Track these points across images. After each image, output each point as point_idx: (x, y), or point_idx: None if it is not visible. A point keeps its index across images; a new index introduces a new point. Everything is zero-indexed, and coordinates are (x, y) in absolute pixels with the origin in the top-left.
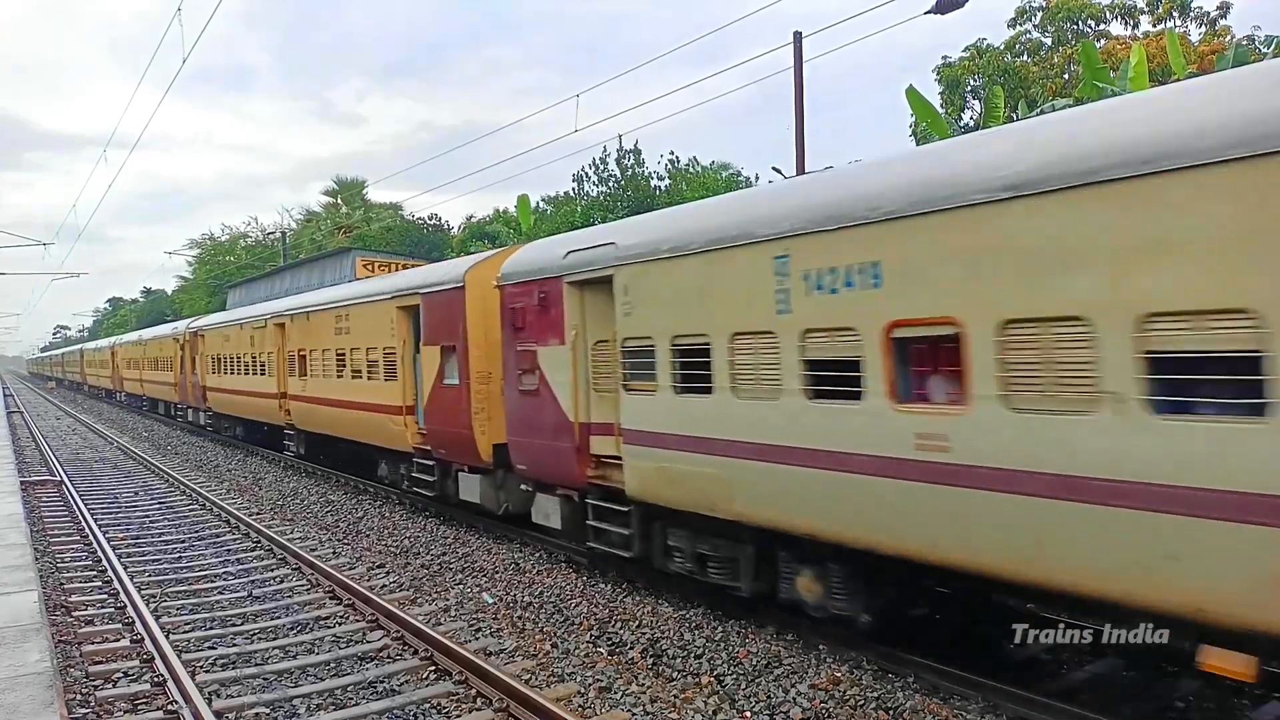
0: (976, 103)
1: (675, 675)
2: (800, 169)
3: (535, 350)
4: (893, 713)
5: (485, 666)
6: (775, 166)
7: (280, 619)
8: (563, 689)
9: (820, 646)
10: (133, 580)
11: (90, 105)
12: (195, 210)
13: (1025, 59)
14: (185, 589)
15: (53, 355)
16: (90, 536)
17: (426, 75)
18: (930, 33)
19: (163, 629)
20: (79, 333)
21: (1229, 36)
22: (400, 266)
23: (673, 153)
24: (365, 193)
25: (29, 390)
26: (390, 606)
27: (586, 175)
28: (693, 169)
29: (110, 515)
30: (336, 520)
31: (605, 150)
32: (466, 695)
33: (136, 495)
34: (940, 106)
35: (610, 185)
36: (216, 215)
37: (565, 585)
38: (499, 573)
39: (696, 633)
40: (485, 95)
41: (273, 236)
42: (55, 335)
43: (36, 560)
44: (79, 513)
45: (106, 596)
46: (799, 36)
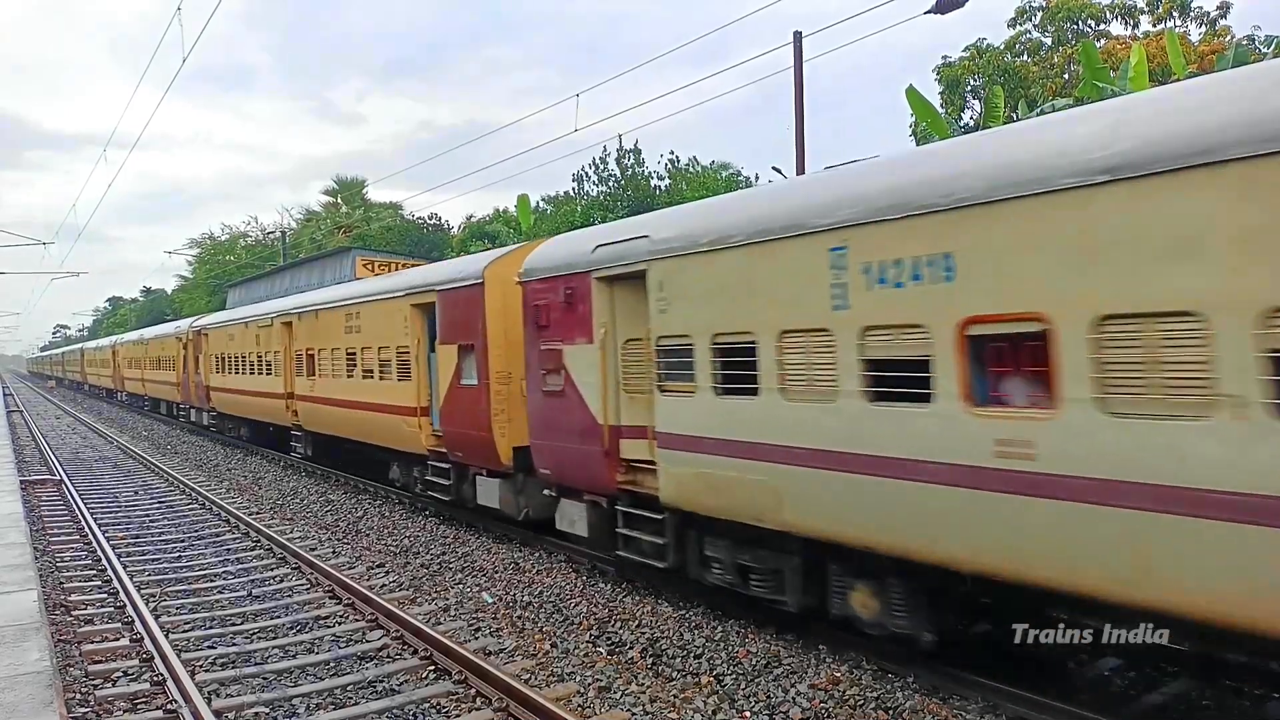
0: (976, 103)
1: (675, 675)
2: (800, 169)
3: (560, 349)
4: (892, 713)
5: (485, 666)
6: (775, 166)
7: (280, 618)
8: (562, 689)
9: (820, 646)
10: (132, 579)
11: (90, 105)
12: (195, 210)
13: (1025, 59)
14: (185, 588)
15: (53, 354)
16: (90, 536)
17: (427, 75)
18: (930, 33)
19: (162, 628)
20: (79, 332)
21: (1229, 36)
22: (400, 266)
23: (673, 152)
24: (365, 192)
25: (29, 389)
26: (390, 606)
27: (586, 175)
28: (693, 169)
29: (110, 514)
30: (336, 520)
31: (605, 150)
32: (466, 695)
33: (136, 494)
34: (940, 106)
35: (610, 185)
36: (216, 215)
37: (565, 585)
38: (499, 572)
39: (696, 632)
40: (485, 95)
41: (273, 236)
42: (55, 334)
43: (36, 559)
44: (78, 512)
45: (106, 596)
46: (799, 36)
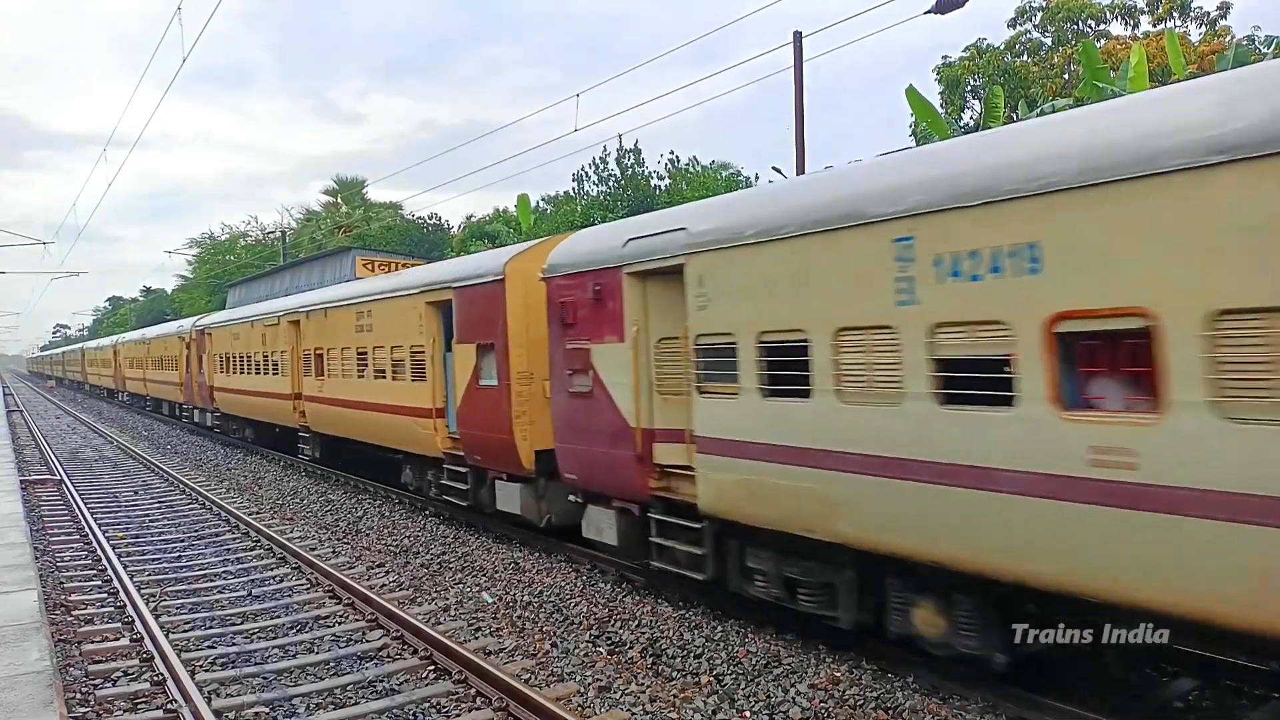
0: (976, 103)
1: (675, 675)
2: (800, 169)
3: (588, 348)
4: (892, 712)
5: (485, 666)
6: (775, 166)
7: (280, 618)
8: (562, 688)
9: (820, 646)
10: (132, 579)
11: (90, 104)
12: (195, 209)
13: (1025, 59)
14: (185, 588)
15: (53, 354)
16: (90, 535)
17: (427, 74)
18: (930, 33)
19: (162, 628)
20: (79, 332)
21: (1229, 36)
22: (400, 266)
23: (673, 152)
24: (365, 192)
25: (29, 389)
26: (390, 606)
27: (586, 175)
28: (693, 169)
29: (110, 514)
30: (336, 519)
31: (605, 150)
32: (466, 694)
33: (136, 494)
34: (940, 106)
35: (610, 185)
36: (216, 214)
37: (565, 585)
38: (498, 572)
39: (696, 632)
40: (486, 94)
41: (272, 236)
42: (55, 334)
43: (36, 559)
44: (78, 512)
45: (106, 595)
46: (799, 36)
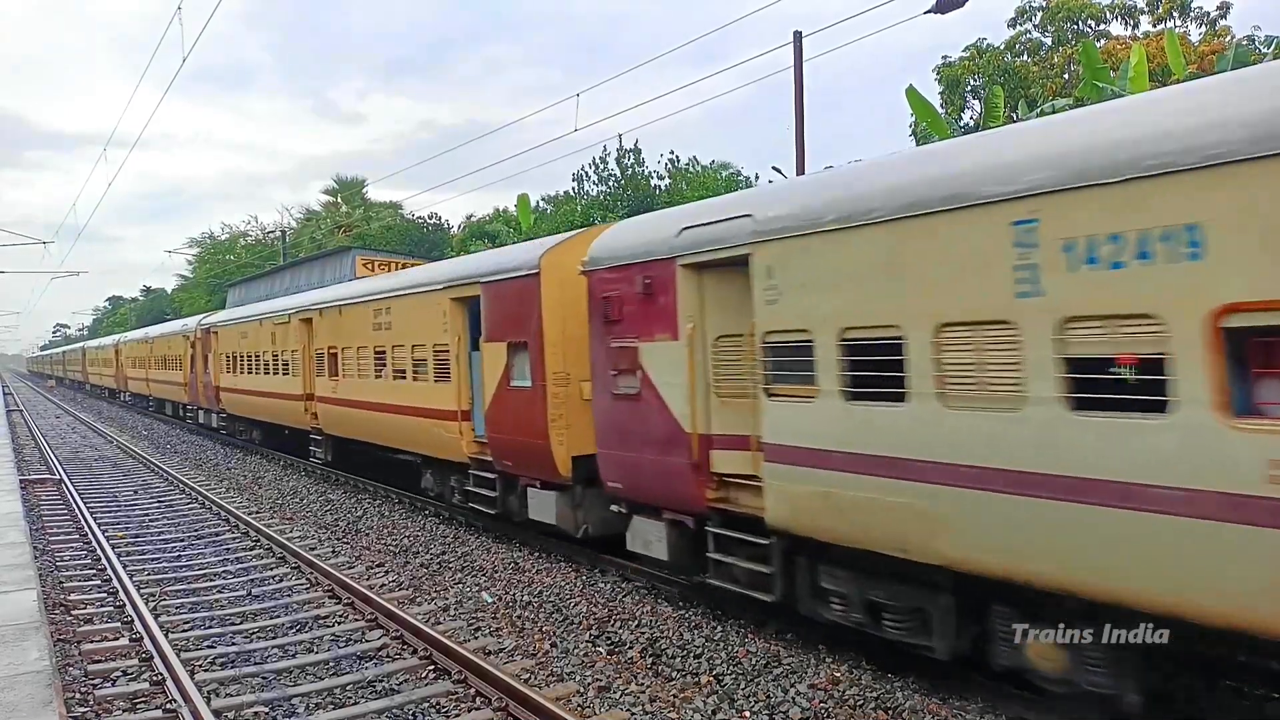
0: (976, 102)
1: (674, 675)
2: (800, 169)
3: (636, 347)
4: (892, 713)
5: (484, 666)
6: (775, 166)
7: (279, 618)
8: (562, 688)
9: (819, 646)
10: (132, 579)
11: (90, 104)
12: (195, 209)
13: (1025, 59)
14: (184, 588)
15: (53, 354)
16: (89, 535)
17: (427, 74)
18: (930, 33)
19: (161, 628)
20: (79, 332)
21: (1229, 37)
22: (400, 265)
23: (672, 152)
24: (365, 192)
25: (29, 389)
26: (389, 605)
27: (586, 175)
28: (692, 169)
29: (109, 514)
30: (336, 519)
31: (605, 150)
32: (465, 694)
33: (136, 494)
34: (940, 106)
35: (610, 185)
36: (216, 214)
37: (565, 584)
38: (498, 572)
39: (696, 632)
40: (486, 94)
41: (272, 235)
42: (55, 334)
43: (35, 559)
44: (78, 511)
45: (105, 595)
46: (799, 36)
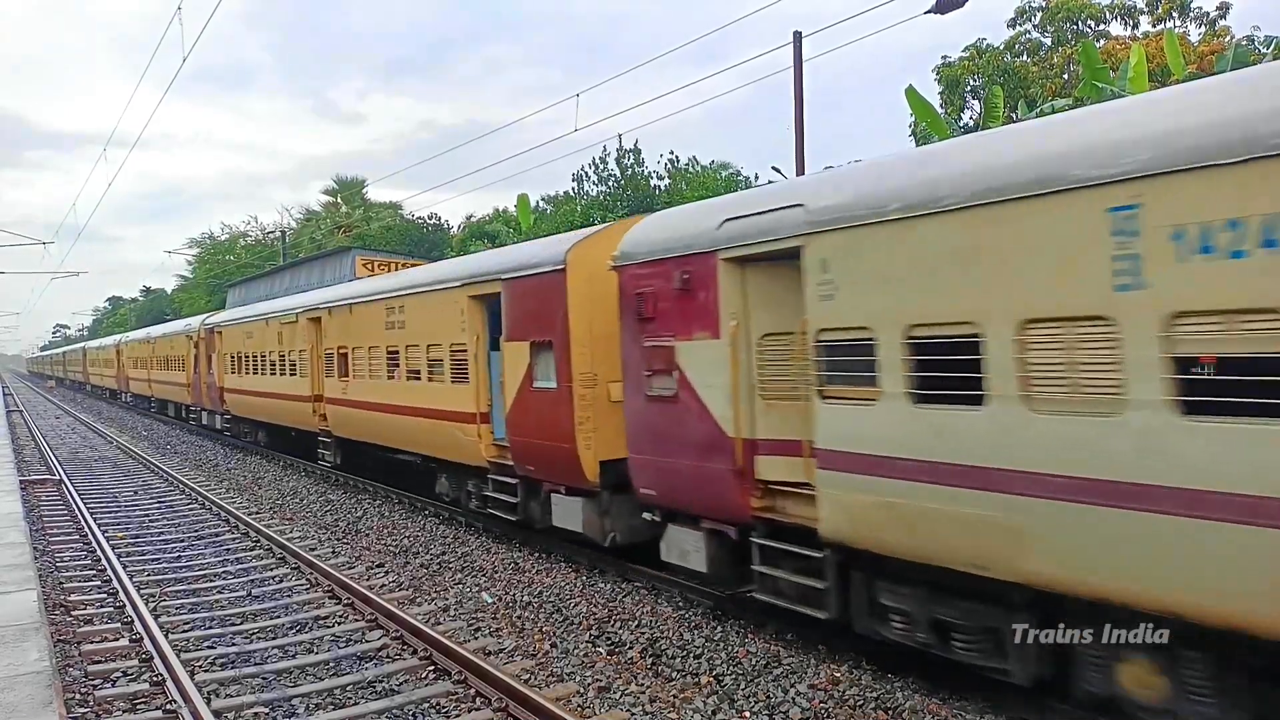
0: (976, 103)
1: (674, 675)
2: (800, 169)
3: (673, 346)
4: (892, 713)
5: (484, 666)
6: (775, 167)
7: (279, 618)
8: (562, 689)
9: (819, 646)
10: (132, 579)
11: (90, 104)
12: (195, 209)
13: (1025, 59)
14: (184, 588)
15: (53, 354)
16: (89, 535)
17: (427, 74)
18: (930, 33)
19: (162, 628)
20: (78, 332)
21: (1228, 37)
22: (400, 266)
23: (672, 152)
24: (365, 192)
25: (28, 389)
26: (389, 606)
27: (586, 175)
28: (692, 169)
29: (109, 514)
30: (336, 519)
31: (605, 150)
32: (465, 695)
33: (135, 494)
34: (940, 107)
35: (610, 185)
36: (216, 214)
37: (564, 585)
38: (498, 572)
39: (696, 632)
40: (486, 94)
41: (272, 236)
42: (55, 334)
43: (35, 559)
44: (78, 512)
45: (105, 596)
46: (798, 37)
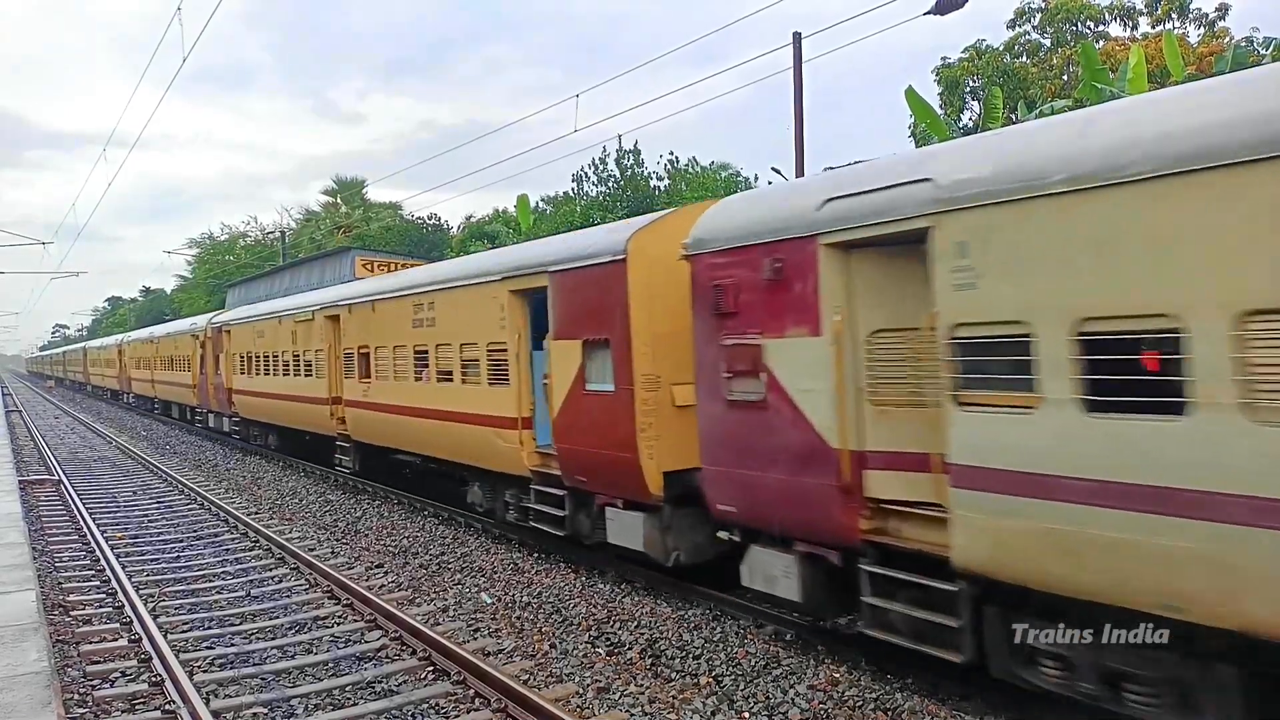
0: (975, 104)
1: (674, 676)
2: (800, 170)
3: (760, 345)
4: (891, 713)
5: (483, 666)
6: (775, 167)
7: (278, 619)
8: (561, 689)
9: (819, 647)
10: (130, 580)
11: (90, 104)
12: (195, 209)
13: (1024, 60)
14: (183, 588)
15: (53, 354)
16: (88, 536)
17: (427, 74)
18: (930, 34)
19: (160, 629)
20: (78, 332)
21: (1228, 38)
22: (400, 266)
23: (672, 153)
24: (365, 192)
25: (28, 389)
26: (389, 606)
27: (586, 175)
28: (692, 169)
29: (108, 514)
30: (335, 520)
31: (605, 150)
32: (465, 695)
33: (135, 494)
34: (939, 107)
35: (610, 185)
36: (216, 214)
37: (564, 585)
38: (498, 573)
39: (695, 633)
40: (486, 94)
41: (272, 236)
42: (54, 334)
43: (34, 559)
44: (77, 512)
45: (104, 596)
46: (798, 37)
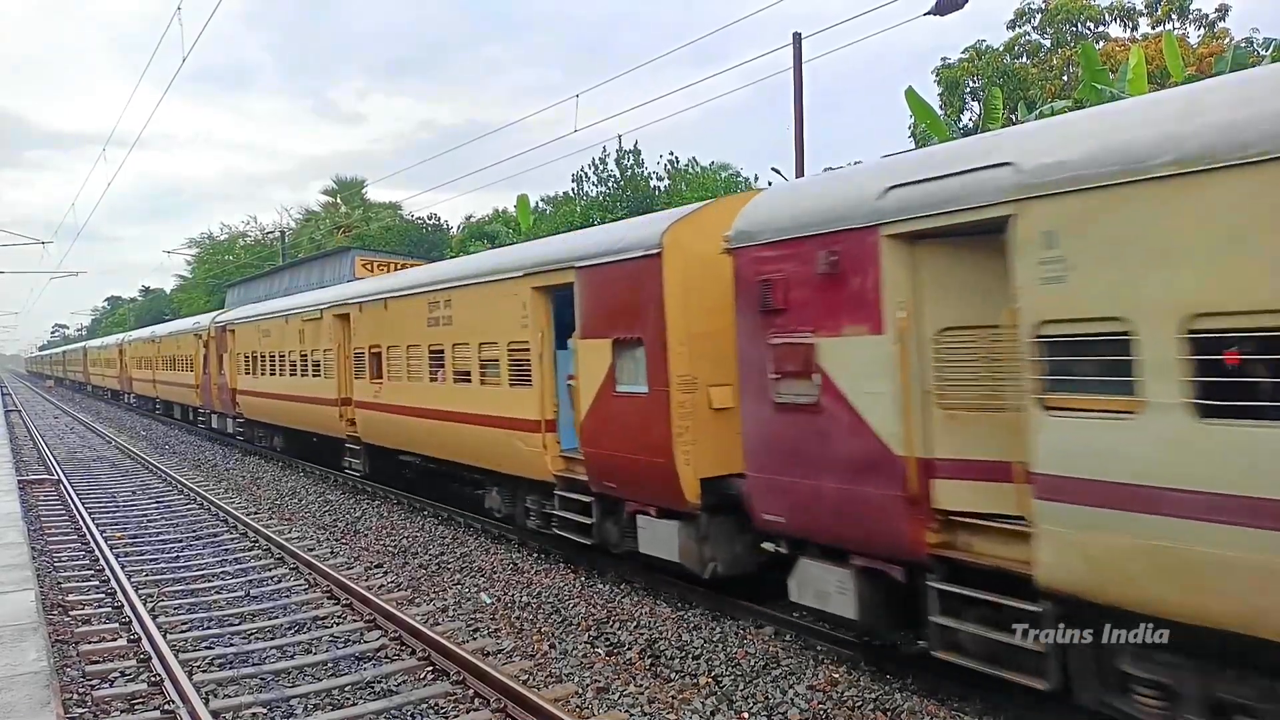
0: (975, 104)
1: (673, 676)
2: (800, 170)
3: (813, 344)
4: (890, 714)
5: (483, 666)
6: (775, 168)
7: (278, 618)
8: (560, 689)
9: (818, 647)
10: (130, 580)
11: (90, 104)
12: (195, 209)
13: (1024, 60)
14: (182, 588)
15: (53, 354)
16: (88, 536)
17: (427, 74)
18: (930, 34)
19: (160, 628)
20: (77, 332)
21: (1227, 39)
22: (400, 266)
23: (672, 153)
24: (364, 192)
25: (27, 389)
26: (388, 606)
27: (586, 175)
28: (692, 169)
29: (108, 514)
30: (334, 520)
31: (605, 150)
32: (464, 695)
33: (134, 494)
34: (939, 108)
35: (610, 185)
36: (216, 214)
37: (563, 585)
38: (497, 573)
39: (694, 633)
40: (486, 94)
41: (272, 236)
42: (53, 334)
43: (34, 559)
44: (76, 512)
45: (104, 596)
46: (798, 37)
